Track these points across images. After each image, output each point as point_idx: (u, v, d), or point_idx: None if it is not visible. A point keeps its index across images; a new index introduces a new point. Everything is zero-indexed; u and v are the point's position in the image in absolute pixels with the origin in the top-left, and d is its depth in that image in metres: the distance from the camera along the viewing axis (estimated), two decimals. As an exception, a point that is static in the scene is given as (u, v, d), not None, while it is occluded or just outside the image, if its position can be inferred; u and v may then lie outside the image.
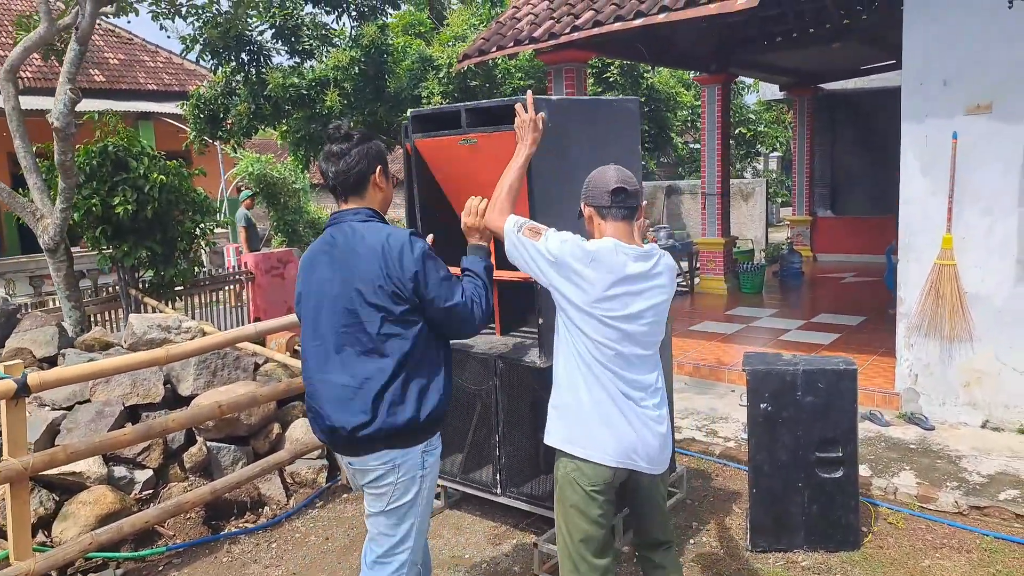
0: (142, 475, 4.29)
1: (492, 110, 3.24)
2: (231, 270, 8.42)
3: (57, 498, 4.01)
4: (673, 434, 2.78)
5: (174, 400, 4.79)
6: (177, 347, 3.86)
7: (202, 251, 7.79)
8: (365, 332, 2.44)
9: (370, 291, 2.42)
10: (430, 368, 2.51)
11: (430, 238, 2.79)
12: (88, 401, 4.58)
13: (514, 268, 2.67)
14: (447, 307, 2.46)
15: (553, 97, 3.24)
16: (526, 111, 2.75)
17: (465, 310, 2.50)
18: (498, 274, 3.34)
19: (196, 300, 7.72)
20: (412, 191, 3.62)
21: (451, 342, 2.66)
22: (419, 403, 2.46)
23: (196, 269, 7.43)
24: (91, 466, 4.08)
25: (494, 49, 7.63)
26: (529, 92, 2.86)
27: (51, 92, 5.73)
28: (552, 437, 2.59)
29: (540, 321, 3.35)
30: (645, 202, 2.75)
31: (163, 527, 4.08)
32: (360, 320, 2.44)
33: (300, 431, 4.84)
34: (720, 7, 5.91)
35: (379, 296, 2.42)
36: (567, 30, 6.92)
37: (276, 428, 4.85)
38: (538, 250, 2.49)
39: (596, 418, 2.48)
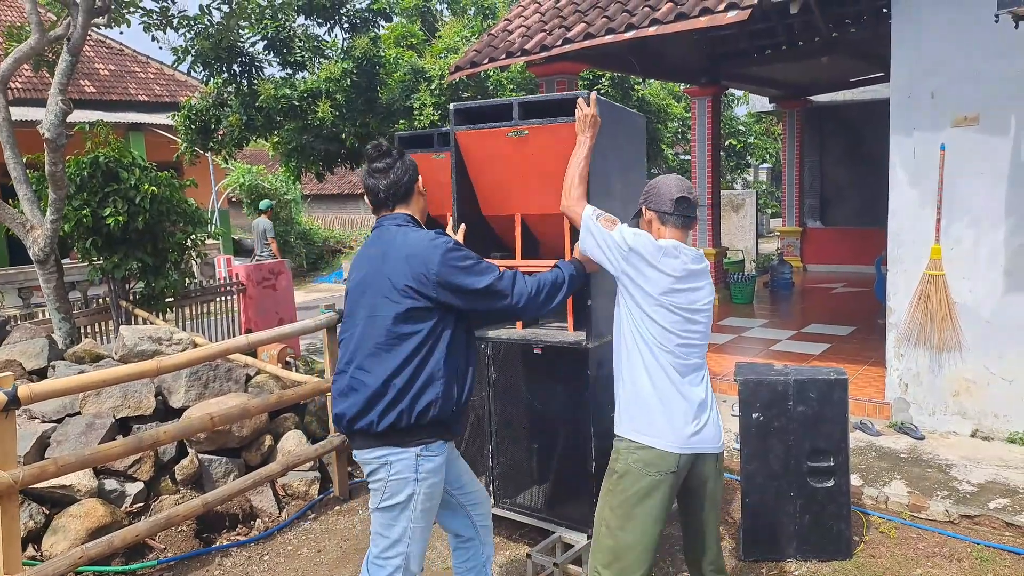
0: (133, 488, 4.27)
1: (543, 103, 3.36)
2: (221, 280, 8.39)
3: (47, 511, 3.98)
4: None
5: (165, 412, 4.77)
6: (168, 359, 3.84)
7: (193, 262, 7.77)
8: (381, 327, 2.58)
9: (392, 289, 2.57)
10: (436, 372, 2.58)
11: (462, 228, 3.09)
12: (78, 413, 4.55)
13: (535, 258, 2.97)
14: (481, 288, 2.58)
15: (602, 98, 3.32)
16: (588, 106, 2.89)
17: (504, 285, 2.61)
18: (523, 265, 3.49)
19: (187, 311, 7.69)
20: (455, 186, 3.69)
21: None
22: (412, 403, 2.55)
23: (187, 280, 7.40)
24: (81, 479, 4.05)
25: (486, 61, 7.66)
26: (593, 92, 3.00)
27: (41, 103, 5.73)
28: (620, 427, 2.69)
29: (589, 303, 3.38)
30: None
31: (154, 540, 4.05)
32: (379, 315, 2.59)
33: (292, 443, 4.82)
34: (710, 20, 5.97)
35: (399, 294, 2.56)
36: (559, 43, 6.96)
37: (268, 440, 4.84)
38: (614, 240, 2.62)
39: (659, 405, 2.58)
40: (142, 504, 4.26)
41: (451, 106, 3.68)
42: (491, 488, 4.03)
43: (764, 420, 3.75)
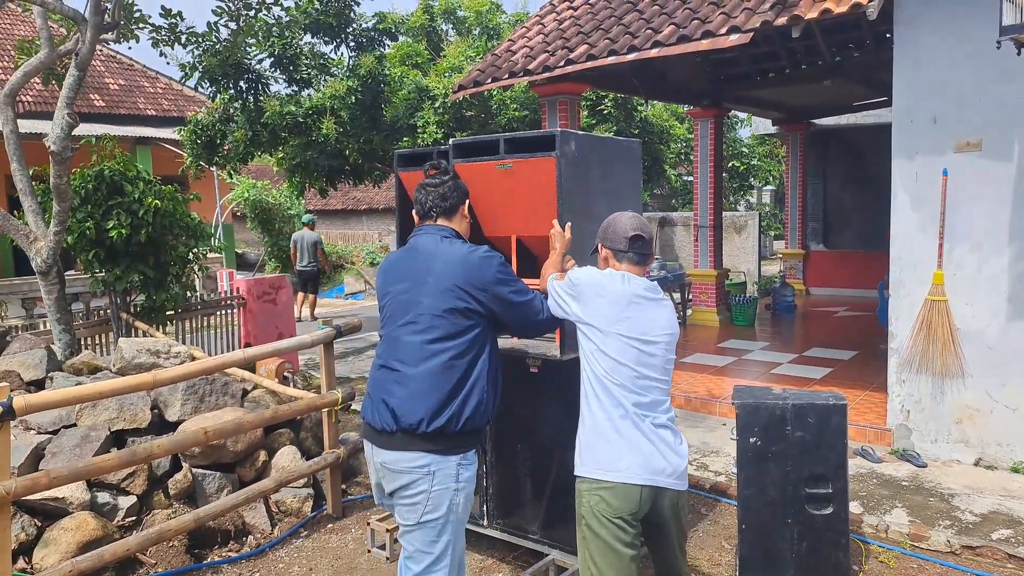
0: (126, 501, 4.24)
1: (524, 140, 3.65)
2: (223, 294, 8.39)
3: (39, 524, 3.96)
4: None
5: (161, 425, 4.74)
6: (164, 372, 3.83)
7: (195, 276, 7.77)
8: (429, 330, 2.66)
9: (446, 291, 2.66)
10: (480, 378, 2.68)
11: None
12: (74, 425, 4.54)
13: (534, 275, 3.25)
14: (523, 301, 2.77)
15: (579, 132, 3.69)
16: (563, 229, 3.19)
17: (538, 303, 2.83)
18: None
19: (188, 325, 7.68)
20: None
21: None
22: (462, 407, 2.62)
23: (188, 294, 7.40)
24: (74, 491, 4.03)
25: (489, 80, 7.70)
26: (568, 225, 3.24)
27: (51, 116, 5.74)
28: (579, 468, 2.68)
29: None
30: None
31: (145, 555, 4.02)
32: (428, 315, 2.67)
33: (286, 459, 4.79)
34: (712, 43, 6.00)
35: (452, 296, 2.66)
36: (561, 63, 7.01)
37: (263, 455, 4.81)
38: (563, 288, 2.78)
39: (619, 438, 2.58)
40: (134, 518, 4.23)
41: (450, 141, 3.95)
42: (484, 508, 4.00)
43: (761, 445, 3.71)
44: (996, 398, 5.03)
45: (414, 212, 2.94)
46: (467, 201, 2.93)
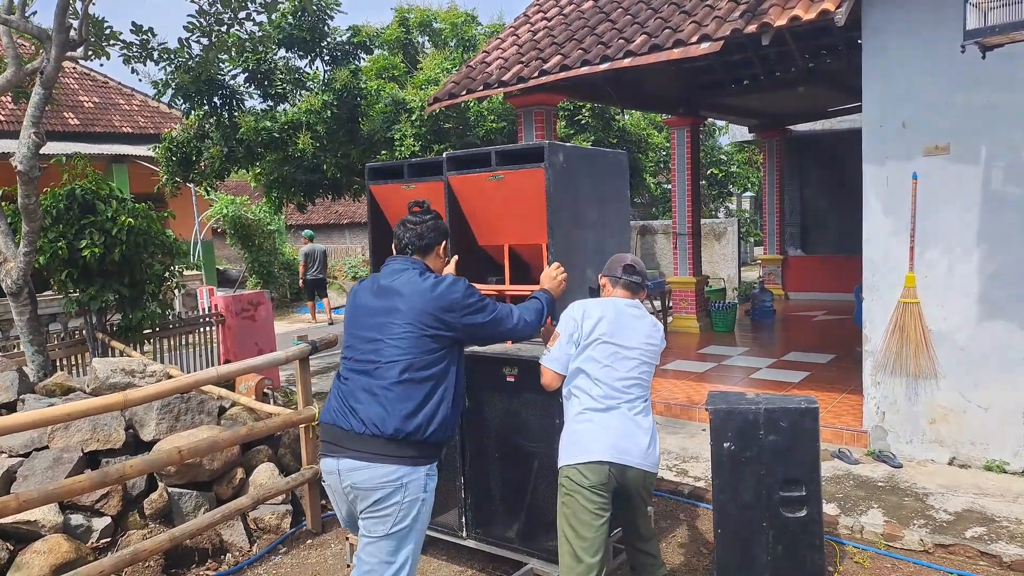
0: (100, 523, 4.19)
1: (514, 152, 3.81)
2: (202, 311, 8.34)
3: (11, 547, 3.90)
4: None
5: (136, 446, 4.69)
6: (136, 392, 3.79)
7: (172, 294, 7.70)
8: (401, 352, 2.76)
9: (414, 321, 2.78)
10: (447, 392, 2.82)
11: (455, 258, 3.45)
12: (46, 447, 4.48)
13: (525, 281, 3.67)
14: (491, 318, 2.94)
15: (568, 144, 3.90)
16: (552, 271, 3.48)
17: (504, 312, 3.02)
18: (511, 289, 3.97)
19: (166, 343, 7.61)
20: (448, 220, 4.05)
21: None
22: (429, 417, 2.73)
23: (166, 311, 7.34)
24: (46, 514, 3.98)
25: (464, 92, 7.73)
26: (555, 264, 3.49)
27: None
28: (561, 460, 3.08)
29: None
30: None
31: (119, 577, 3.97)
32: (398, 341, 2.77)
33: (264, 476, 4.76)
34: (683, 52, 6.06)
35: (421, 325, 2.78)
36: (535, 74, 7.04)
37: (240, 473, 4.77)
38: (560, 342, 3.13)
39: (588, 423, 3.02)
40: (109, 539, 4.18)
41: (444, 154, 4.08)
42: (463, 519, 3.99)
43: (736, 450, 3.72)
44: (969, 398, 5.08)
45: (392, 245, 3.04)
46: (445, 241, 3.05)
